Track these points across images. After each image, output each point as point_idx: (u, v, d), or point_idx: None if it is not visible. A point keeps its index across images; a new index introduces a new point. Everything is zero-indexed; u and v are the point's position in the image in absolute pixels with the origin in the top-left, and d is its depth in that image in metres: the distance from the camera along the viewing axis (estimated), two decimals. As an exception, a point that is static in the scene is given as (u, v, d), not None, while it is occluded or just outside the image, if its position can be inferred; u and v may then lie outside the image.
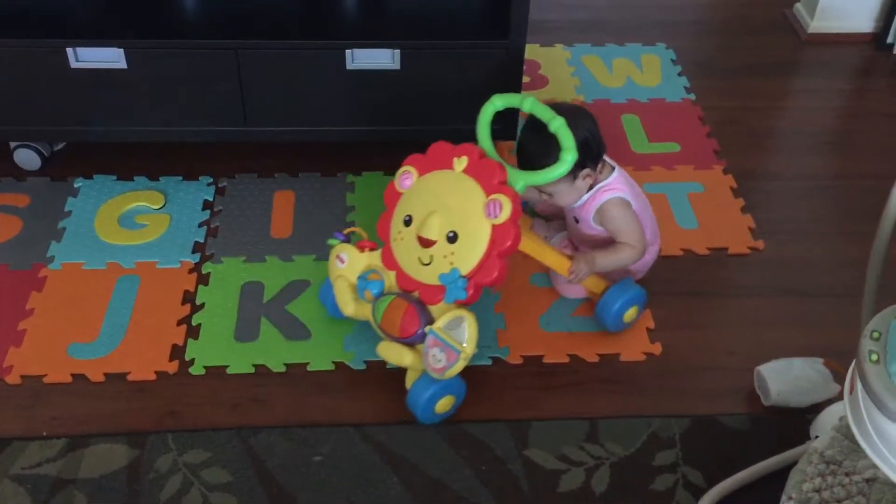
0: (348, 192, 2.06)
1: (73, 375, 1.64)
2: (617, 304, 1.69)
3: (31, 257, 1.86)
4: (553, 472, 1.50)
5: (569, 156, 1.51)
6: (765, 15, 2.82)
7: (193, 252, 1.89)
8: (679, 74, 2.52)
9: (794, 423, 1.58)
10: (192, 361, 1.67)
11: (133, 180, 2.07)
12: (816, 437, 1.51)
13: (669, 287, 1.85)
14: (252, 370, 1.66)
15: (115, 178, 2.07)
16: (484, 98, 1.85)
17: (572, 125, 1.54)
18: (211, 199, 2.03)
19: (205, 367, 1.66)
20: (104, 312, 1.75)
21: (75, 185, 2.05)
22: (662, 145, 2.26)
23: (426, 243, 1.54)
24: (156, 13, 1.99)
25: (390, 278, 1.59)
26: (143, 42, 1.89)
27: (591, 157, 1.64)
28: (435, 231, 1.52)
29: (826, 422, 1.55)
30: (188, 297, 1.79)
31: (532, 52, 2.55)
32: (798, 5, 2.77)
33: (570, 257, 1.67)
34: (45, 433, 1.54)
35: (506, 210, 1.48)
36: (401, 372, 1.62)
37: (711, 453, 1.54)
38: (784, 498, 1.41)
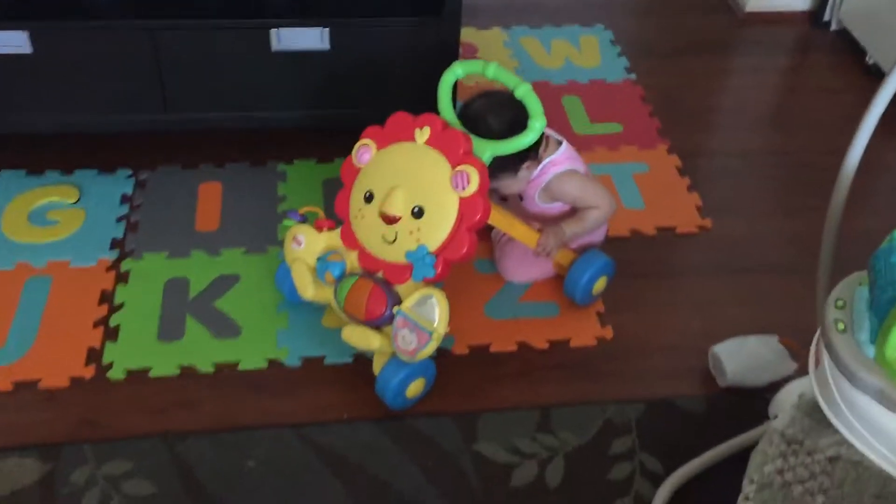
0: (279, 182, 1.94)
1: (-24, 383, 1.49)
2: (586, 276, 1.63)
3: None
4: (504, 467, 1.42)
5: (537, 123, 1.44)
6: (702, -4, 2.79)
7: (111, 249, 1.76)
8: (619, 55, 2.46)
9: (752, 403, 1.52)
10: (110, 365, 1.54)
11: (44, 174, 1.92)
12: (776, 416, 1.45)
13: (619, 269, 1.77)
14: (178, 372, 1.54)
15: (24, 172, 1.92)
16: (420, 79, 1.78)
17: (512, 115, 1.49)
18: (130, 192, 1.89)
19: (125, 371, 1.53)
20: (12, 316, 1.60)
21: (-23, 182, 1.90)
22: (605, 126, 2.19)
23: (390, 220, 1.45)
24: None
25: (352, 258, 1.50)
26: (50, 24, 1.74)
27: (528, 152, 1.55)
28: (399, 206, 1.44)
29: (785, 400, 1.49)
30: (106, 297, 1.66)
31: (468, 34, 2.46)
32: (735, -16, 2.74)
33: (539, 230, 1.61)
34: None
35: (473, 182, 1.40)
36: (341, 366, 1.52)
37: (669, 438, 1.47)
38: (746, 482, 1.35)
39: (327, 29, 1.80)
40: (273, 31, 1.79)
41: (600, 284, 1.67)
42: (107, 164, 1.95)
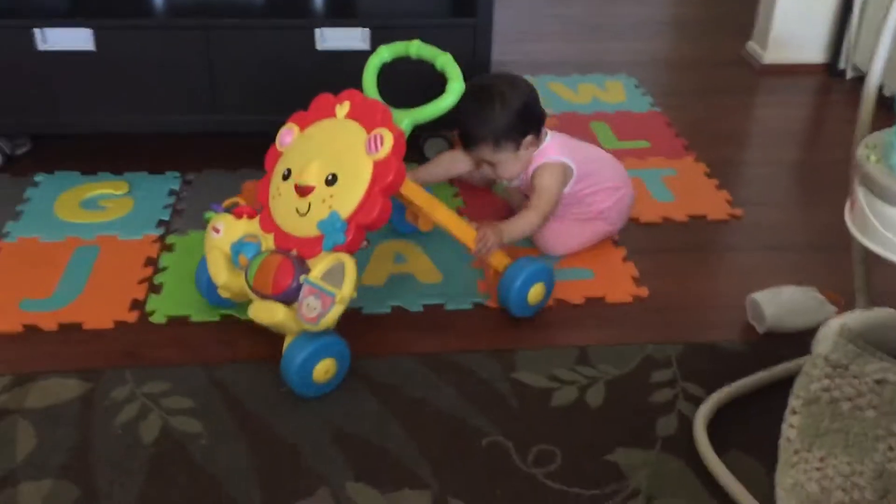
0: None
1: (24, 326, 1.52)
2: (518, 280, 1.51)
3: (-14, 233, 1.78)
4: (544, 390, 1.40)
5: (456, 86, 1.45)
6: (719, 55, 2.92)
7: (157, 226, 1.82)
8: (643, 94, 2.57)
9: (792, 346, 1.50)
10: (152, 312, 1.56)
11: (96, 175, 2.01)
12: (819, 346, 1.43)
13: (650, 245, 1.80)
14: (217, 318, 1.56)
15: (78, 173, 2.02)
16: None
17: (510, 91, 1.56)
18: (177, 188, 1.97)
19: (167, 317, 1.55)
20: (59, 276, 1.65)
21: (36, 179, 1.99)
22: (632, 143, 2.27)
23: (304, 191, 1.39)
24: None
25: (268, 241, 1.43)
26: (113, 22, 1.89)
27: (532, 122, 1.61)
28: (313, 176, 1.38)
29: (827, 333, 1.47)
30: (151, 262, 1.70)
31: (498, 80, 2.59)
32: (750, 42, 2.88)
33: (477, 227, 1.55)
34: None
35: (387, 142, 1.36)
36: (381, 315, 1.54)
37: (710, 372, 1.45)
38: (791, 398, 1.32)
39: (367, 29, 1.93)
40: (318, 31, 1.92)
41: (537, 293, 1.54)
42: (156, 166, 2.04)
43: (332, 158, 1.40)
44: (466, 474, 1.24)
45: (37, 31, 1.86)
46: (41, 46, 1.88)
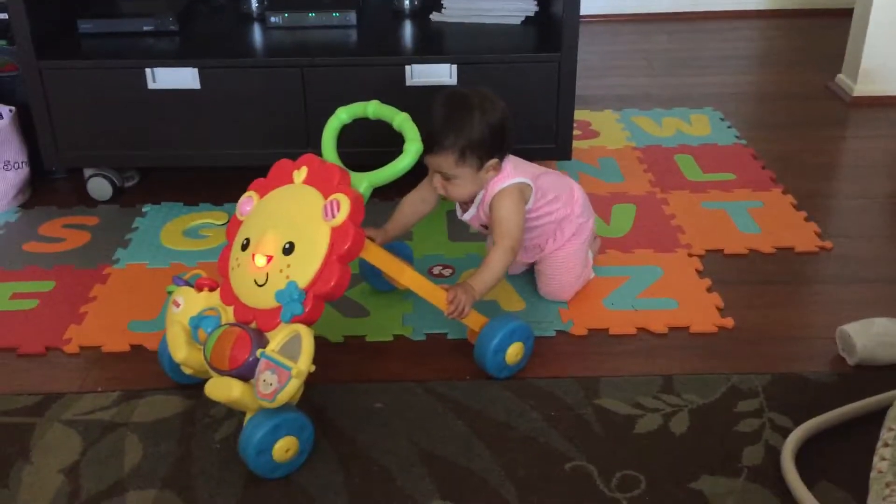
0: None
1: (131, 346, 1.62)
2: (495, 340, 1.46)
3: (98, 259, 1.90)
4: (627, 417, 1.41)
5: (413, 147, 1.42)
6: (807, 88, 2.89)
7: (255, 255, 1.91)
8: (728, 127, 2.57)
9: (884, 378, 1.48)
10: (250, 334, 1.64)
11: (198, 205, 2.13)
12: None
13: (735, 276, 1.80)
14: (311, 341, 1.62)
15: (181, 204, 2.14)
16: (541, 112, 1.97)
17: (491, 106, 1.50)
18: (273, 217, 2.06)
19: (263, 339, 1.63)
20: (165, 297, 1.75)
21: (143, 210, 2.11)
22: (717, 175, 2.27)
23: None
24: (226, 39, 2.14)
25: (228, 314, 1.37)
26: (216, 62, 2.01)
27: (501, 145, 1.53)
28: (270, 245, 1.34)
29: (920, 365, 1.45)
30: (248, 287, 1.79)
31: (581, 115, 2.63)
32: (840, 75, 2.85)
33: (446, 289, 1.49)
34: (99, 388, 1.50)
35: (344, 208, 1.31)
36: (464, 341, 1.57)
37: (798, 403, 1.43)
38: (884, 430, 1.31)
39: (455, 66, 1.99)
40: (408, 67, 2.00)
41: (515, 352, 1.49)
42: (253, 197, 2.14)
43: (289, 226, 1.35)
44: (550, 497, 1.26)
45: (148, 70, 1.99)
46: (151, 85, 2.01)
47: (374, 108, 1.50)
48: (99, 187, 2.16)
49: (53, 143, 2.07)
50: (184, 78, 2.00)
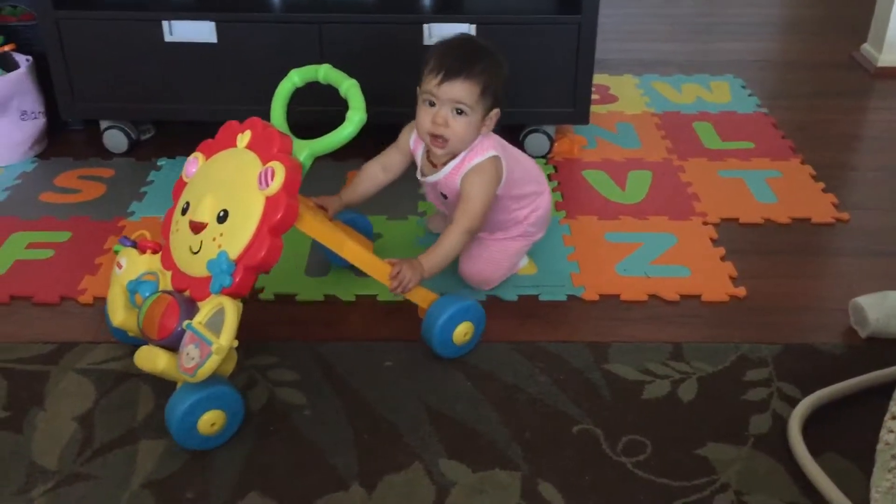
0: (421, 172, 2.07)
1: (144, 298, 1.63)
2: (442, 318, 1.41)
3: (113, 211, 1.91)
4: (636, 383, 1.41)
5: (356, 116, 1.38)
6: (831, 57, 2.85)
7: (268, 210, 1.91)
8: (749, 95, 2.54)
9: (895, 352, 1.47)
10: (261, 289, 1.65)
11: (213, 160, 2.13)
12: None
13: (750, 246, 1.79)
14: (322, 298, 1.63)
15: (196, 158, 2.13)
16: (558, 74, 1.95)
17: (498, 62, 1.48)
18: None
19: (274, 295, 1.64)
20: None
21: (159, 163, 2.12)
22: (736, 143, 2.25)
23: (197, 228, 1.31)
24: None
25: (167, 279, 1.35)
26: (234, 16, 1.99)
27: (504, 99, 1.51)
28: (207, 212, 1.30)
29: (933, 340, 1.44)
30: (261, 243, 1.79)
31: (601, 79, 2.60)
32: (865, 45, 2.80)
33: (391, 263, 1.44)
34: (113, 339, 1.52)
35: (278, 177, 1.27)
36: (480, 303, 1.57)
37: (808, 374, 1.43)
38: (893, 402, 1.30)
39: (474, 25, 1.97)
40: (426, 26, 1.98)
41: (464, 332, 1.44)
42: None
43: (226, 193, 1.31)
44: (556, 459, 1.27)
45: (165, 23, 1.98)
46: (168, 38, 2.00)
47: (324, 72, 1.47)
48: (115, 139, 2.16)
49: (69, 93, 2.07)
50: (201, 31, 1.99)
